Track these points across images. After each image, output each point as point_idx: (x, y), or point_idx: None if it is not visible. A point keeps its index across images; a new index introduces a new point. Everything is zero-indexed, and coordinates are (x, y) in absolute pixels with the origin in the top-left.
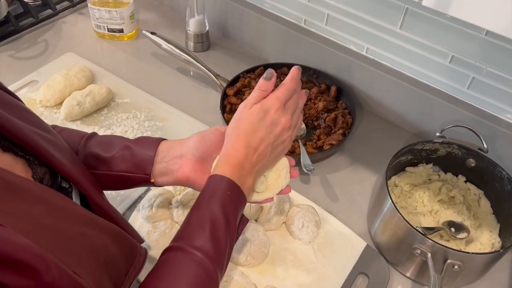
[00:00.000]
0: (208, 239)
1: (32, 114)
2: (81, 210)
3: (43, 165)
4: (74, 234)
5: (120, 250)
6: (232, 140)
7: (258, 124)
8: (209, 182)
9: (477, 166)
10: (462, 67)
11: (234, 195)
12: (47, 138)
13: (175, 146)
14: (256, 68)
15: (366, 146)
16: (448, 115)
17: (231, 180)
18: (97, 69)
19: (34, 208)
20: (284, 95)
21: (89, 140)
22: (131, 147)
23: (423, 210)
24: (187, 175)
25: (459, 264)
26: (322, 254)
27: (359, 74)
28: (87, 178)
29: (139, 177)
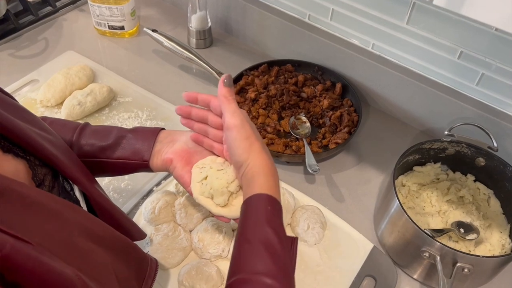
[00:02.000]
0: (269, 261)
1: (29, 113)
2: (90, 224)
3: (44, 166)
4: (86, 249)
5: (129, 266)
6: (259, 157)
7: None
8: (247, 206)
9: (486, 165)
10: (471, 63)
11: (275, 208)
12: (46, 138)
13: (175, 133)
14: (260, 65)
15: (372, 144)
16: (457, 112)
17: (267, 194)
18: (98, 67)
19: (49, 223)
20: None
21: (83, 130)
22: (129, 136)
23: (431, 211)
24: (171, 158)
25: (469, 267)
26: (328, 256)
27: (365, 71)
28: (86, 175)
29: (137, 163)
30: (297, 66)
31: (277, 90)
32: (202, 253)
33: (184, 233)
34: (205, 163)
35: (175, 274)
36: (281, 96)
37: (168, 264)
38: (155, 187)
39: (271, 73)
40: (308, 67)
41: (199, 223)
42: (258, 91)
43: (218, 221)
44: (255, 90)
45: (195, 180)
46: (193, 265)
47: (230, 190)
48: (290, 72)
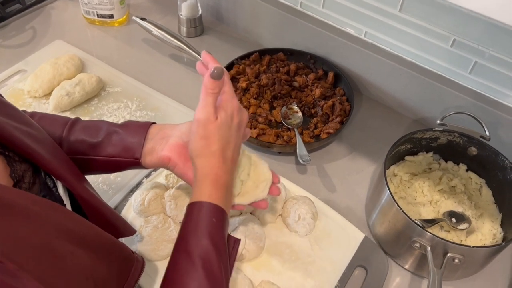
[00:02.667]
0: (204, 281)
1: (10, 107)
2: (72, 224)
3: (24, 162)
4: (63, 253)
5: (111, 268)
6: (208, 160)
7: (229, 134)
8: (193, 210)
9: (479, 154)
10: (464, 51)
11: (220, 221)
12: (27, 132)
13: (165, 128)
14: (251, 54)
15: (364, 133)
16: (449, 101)
17: (217, 205)
18: (87, 57)
19: (24, 227)
20: (232, 88)
21: (73, 126)
22: (119, 131)
23: (423, 200)
24: (169, 156)
25: (460, 257)
26: (319, 246)
27: (357, 59)
28: (72, 171)
29: (128, 161)
30: (289, 55)
31: (269, 79)
32: None
33: (174, 225)
34: None
35: (165, 266)
36: (273, 86)
37: (157, 256)
38: (144, 179)
39: (263, 62)
40: (300, 56)
41: None
42: (250, 80)
43: None
44: (246, 80)
45: None
46: None
47: (241, 179)
48: (282, 61)
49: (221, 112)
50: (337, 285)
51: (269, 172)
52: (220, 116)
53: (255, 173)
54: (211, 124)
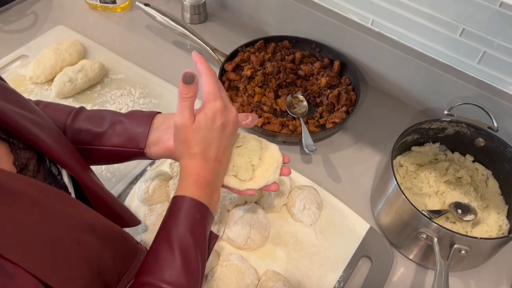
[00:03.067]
0: (181, 271)
1: (15, 93)
2: (77, 212)
3: (28, 149)
4: (68, 243)
5: (115, 257)
6: (189, 161)
7: (209, 136)
8: (177, 204)
9: (486, 145)
10: (473, 40)
11: (204, 217)
12: (32, 119)
13: (169, 118)
14: (256, 42)
15: (370, 123)
16: (457, 92)
17: (200, 201)
18: (89, 43)
19: (29, 216)
20: (218, 88)
21: (78, 115)
22: (123, 121)
23: (429, 191)
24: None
25: (466, 249)
26: (324, 236)
27: (364, 48)
28: (77, 160)
29: (132, 151)
30: (294, 43)
31: (274, 67)
32: None
33: None
34: None
35: None
36: (278, 74)
37: None
38: (148, 167)
39: (268, 50)
40: (305, 44)
41: None
42: (254, 68)
43: None
44: (251, 68)
45: None
46: None
47: (253, 164)
48: (287, 49)
49: (200, 114)
50: (342, 275)
51: (279, 154)
52: (198, 119)
53: (266, 156)
54: (187, 128)
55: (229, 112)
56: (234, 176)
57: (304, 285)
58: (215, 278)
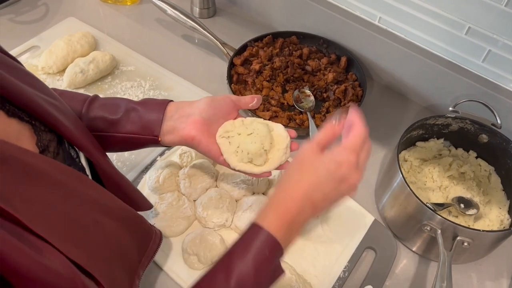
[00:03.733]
0: None
1: (35, 78)
2: (96, 194)
3: (49, 132)
4: (87, 222)
5: (132, 238)
6: (292, 186)
7: (325, 177)
8: (251, 233)
9: (489, 142)
10: (478, 39)
11: (273, 255)
12: (52, 103)
13: (183, 106)
14: (264, 37)
15: (375, 119)
16: (461, 89)
17: (275, 238)
18: (100, 35)
19: (51, 195)
20: (360, 146)
21: (92, 103)
22: (137, 109)
23: (432, 186)
24: (193, 135)
25: (469, 241)
26: (329, 228)
27: (371, 45)
28: (93, 143)
29: (147, 138)
30: (302, 38)
31: (282, 62)
32: (206, 223)
33: (188, 203)
34: (227, 130)
35: (179, 242)
36: (286, 69)
37: (172, 233)
38: (159, 157)
39: (276, 45)
40: (313, 40)
41: (203, 193)
42: (263, 63)
43: (222, 192)
44: (259, 62)
45: (229, 151)
46: (197, 234)
47: (265, 149)
48: (294, 45)
49: (329, 154)
50: (347, 265)
51: (285, 133)
52: (326, 154)
53: (275, 139)
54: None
55: (356, 171)
56: (250, 163)
57: (310, 274)
58: None
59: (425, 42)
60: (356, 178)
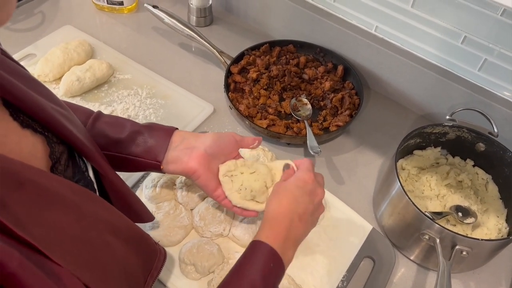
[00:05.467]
0: None
1: (44, 87)
2: (107, 213)
3: (61, 144)
4: (99, 244)
5: (139, 258)
6: (276, 209)
7: (299, 192)
8: (254, 248)
9: (486, 150)
10: (474, 48)
11: (276, 269)
12: (63, 114)
13: (189, 138)
14: (261, 45)
15: (372, 128)
16: (458, 98)
17: (275, 251)
18: (96, 43)
19: (65, 217)
20: (312, 167)
21: (97, 119)
22: (143, 132)
23: (430, 194)
24: (195, 168)
25: (468, 250)
26: (328, 236)
27: (367, 54)
28: (101, 155)
29: (149, 162)
30: (299, 47)
31: (279, 70)
32: (203, 232)
33: (185, 212)
34: (230, 169)
35: (176, 252)
36: (283, 77)
37: (169, 242)
38: None
39: (273, 53)
40: (310, 49)
41: (200, 202)
42: (260, 71)
43: None
44: (256, 70)
45: (232, 190)
46: (195, 243)
47: (268, 186)
48: (291, 53)
49: (292, 178)
50: (345, 274)
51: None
52: (290, 179)
53: (277, 175)
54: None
55: (318, 187)
56: (252, 200)
57: (308, 283)
58: (221, 275)
59: (422, 51)
60: (321, 192)
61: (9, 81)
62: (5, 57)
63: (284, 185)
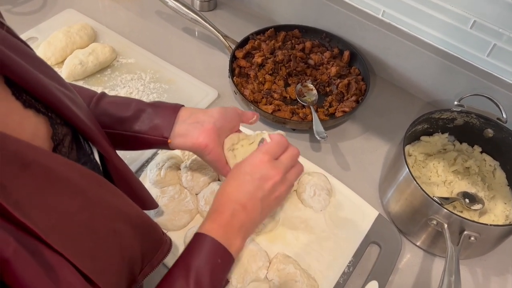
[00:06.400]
0: None
1: (49, 67)
2: (116, 200)
3: (65, 125)
4: (105, 233)
5: (143, 247)
6: (218, 196)
7: (244, 179)
8: (198, 242)
9: (494, 136)
10: (483, 33)
11: (224, 263)
12: (67, 95)
13: (197, 112)
14: (266, 30)
15: (378, 114)
16: (465, 84)
17: (222, 245)
18: (99, 26)
19: (71, 203)
20: (272, 149)
21: (101, 99)
22: (148, 109)
23: (437, 180)
24: (206, 143)
25: (476, 235)
26: (333, 222)
27: (374, 39)
28: (105, 139)
29: (156, 139)
30: (305, 32)
31: (284, 55)
32: None
33: (190, 196)
34: (234, 143)
35: (181, 236)
36: (288, 62)
37: (174, 226)
38: (160, 150)
39: (278, 38)
40: (315, 34)
41: (206, 186)
42: (265, 56)
43: None
44: (261, 55)
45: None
46: None
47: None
48: (297, 38)
49: (243, 160)
50: (351, 260)
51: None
52: (241, 162)
53: None
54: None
55: (273, 169)
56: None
57: (314, 269)
58: None
59: (429, 36)
60: (275, 174)
61: (11, 59)
62: (9, 34)
63: (234, 171)
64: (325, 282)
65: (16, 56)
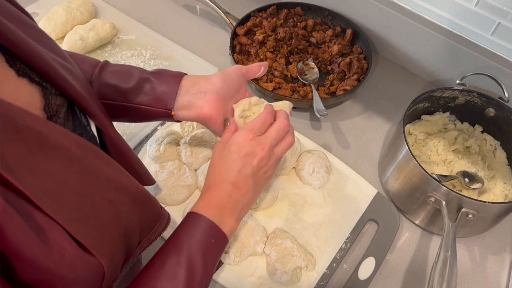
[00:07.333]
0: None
1: (47, 36)
2: (112, 171)
3: (60, 96)
4: (101, 201)
5: (141, 219)
6: (209, 177)
7: (231, 158)
8: (192, 222)
9: (496, 116)
10: (488, 11)
11: (217, 243)
12: (63, 65)
13: (200, 81)
14: (268, 7)
15: (379, 93)
16: (468, 64)
17: (215, 224)
18: (100, 3)
19: (65, 170)
20: (256, 125)
21: (104, 68)
22: (151, 79)
23: (437, 159)
24: (210, 114)
25: (474, 213)
26: (332, 199)
27: (377, 17)
28: (102, 111)
29: (160, 111)
30: (307, 10)
31: (286, 33)
32: None
33: (189, 171)
34: (244, 109)
35: (180, 211)
36: (290, 40)
37: (173, 201)
38: (159, 127)
39: (280, 15)
40: (318, 11)
41: (205, 162)
42: (266, 33)
43: None
44: (263, 32)
45: None
46: None
47: None
48: (299, 16)
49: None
50: (349, 236)
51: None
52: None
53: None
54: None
55: (258, 145)
56: None
57: (312, 244)
58: None
59: (433, 15)
60: (260, 150)
61: (5, 25)
62: (6, 2)
63: (220, 151)
64: (322, 257)
65: (12, 24)
